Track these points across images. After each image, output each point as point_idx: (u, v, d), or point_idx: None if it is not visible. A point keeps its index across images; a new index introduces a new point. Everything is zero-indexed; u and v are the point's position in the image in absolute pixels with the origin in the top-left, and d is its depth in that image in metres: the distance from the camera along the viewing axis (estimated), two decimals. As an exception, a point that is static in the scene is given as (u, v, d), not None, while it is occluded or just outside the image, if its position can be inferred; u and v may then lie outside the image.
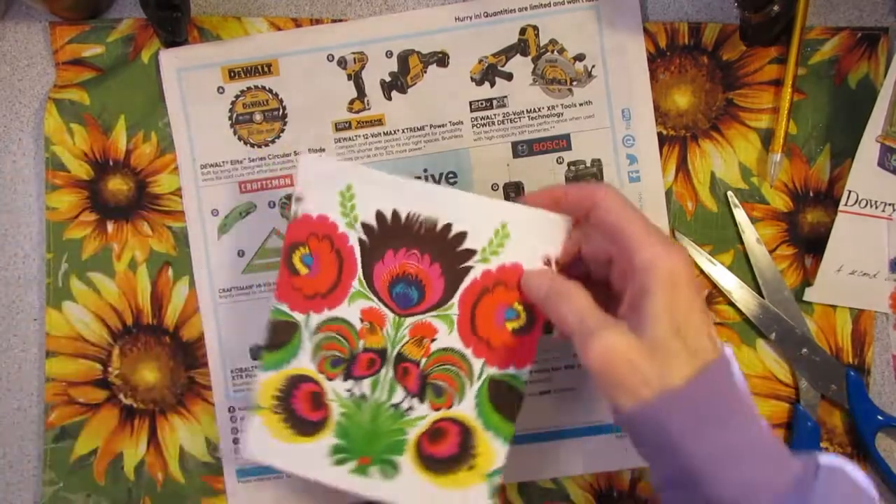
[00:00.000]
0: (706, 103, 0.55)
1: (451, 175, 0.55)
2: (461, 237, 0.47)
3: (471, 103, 0.55)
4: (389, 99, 0.55)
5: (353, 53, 0.55)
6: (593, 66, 0.55)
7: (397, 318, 0.48)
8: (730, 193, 0.55)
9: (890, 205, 0.53)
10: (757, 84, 0.55)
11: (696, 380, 0.38)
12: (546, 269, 0.46)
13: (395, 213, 0.48)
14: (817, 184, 0.55)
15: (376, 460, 0.48)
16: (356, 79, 0.55)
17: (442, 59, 0.55)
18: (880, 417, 0.53)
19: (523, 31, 0.55)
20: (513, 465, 0.54)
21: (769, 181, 0.54)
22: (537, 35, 0.55)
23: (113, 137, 0.56)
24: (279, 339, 0.49)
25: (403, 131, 0.55)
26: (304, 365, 0.49)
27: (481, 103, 0.55)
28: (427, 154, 0.55)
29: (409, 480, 0.48)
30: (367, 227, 0.48)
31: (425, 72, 0.55)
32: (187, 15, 0.53)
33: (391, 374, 0.48)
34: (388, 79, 0.55)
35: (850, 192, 0.53)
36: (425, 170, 0.55)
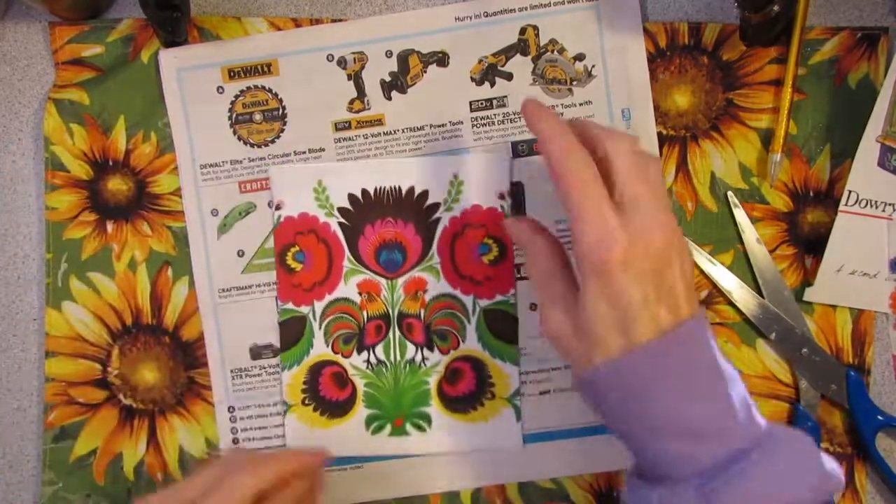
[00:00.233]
0: (706, 103, 0.55)
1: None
2: (424, 195, 0.54)
3: (471, 103, 0.55)
4: (389, 99, 0.55)
5: (353, 53, 0.55)
6: (593, 66, 0.55)
7: (390, 282, 0.54)
8: (730, 193, 0.55)
9: (890, 205, 0.53)
10: (757, 84, 0.55)
11: (630, 357, 0.40)
12: (523, 222, 0.48)
13: (365, 192, 0.54)
14: (817, 184, 0.55)
15: (408, 417, 0.54)
16: (356, 79, 0.55)
17: (442, 59, 0.55)
18: (880, 417, 0.53)
19: (523, 30, 0.55)
20: (513, 464, 0.55)
21: (769, 181, 0.54)
22: (537, 35, 0.55)
23: (112, 137, 0.56)
24: (292, 336, 0.54)
25: (403, 131, 0.55)
26: (321, 350, 0.54)
27: (481, 103, 0.55)
28: (427, 154, 0.55)
29: (442, 426, 0.54)
30: (344, 210, 0.54)
31: (425, 72, 0.55)
32: (187, 15, 0.53)
33: (398, 333, 0.54)
34: (387, 79, 0.55)
35: (850, 192, 0.53)
36: (425, 170, 0.56)
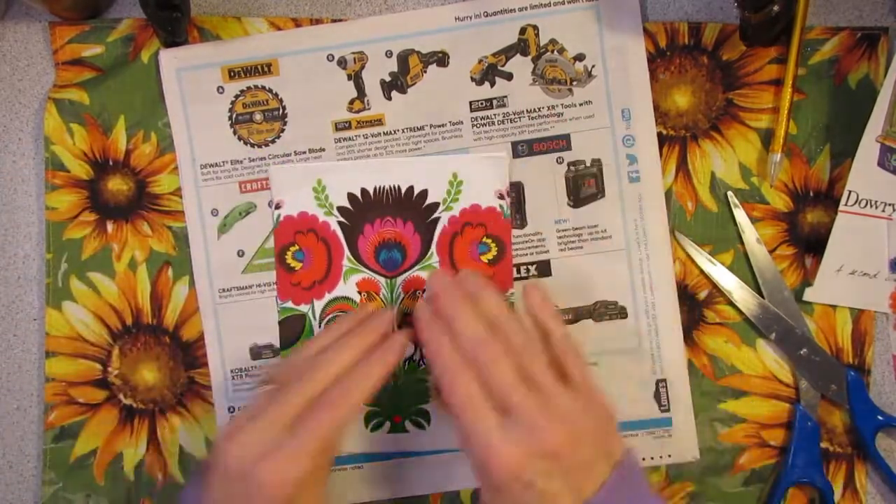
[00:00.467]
0: (706, 103, 0.55)
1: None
2: (423, 195, 0.54)
3: (471, 103, 0.55)
4: (389, 99, 0.55)
5: (353, 53, 0.55)
6: (593, 66, 0.55)
7: (389, 281, 0.54)
8: (730, 193, 0.55)
9: (890, 205, 0.53)
10: (757, 84, 0.55)
11: None
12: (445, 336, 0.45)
13: (364, 191, 0.54)
14: (817, 184, 0.55)
15: (407, 414, 0.54)
16: (356, 79, 0.55)
17: (442, 59, 0.55)
18: (880, 417, 0.53)
19: (523, 30, 0.55)
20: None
21: (769, 181, 0.54)
22: (537, 35, 0.55)
23: (113, 137, 0.56)
24: (292, 334, 0.54)
25: (403, 131, 0.55)
26: None
27: (481, 103, 0.55)
28: (427, 154, 0.55)
29: (440, 424, 0.53)
30: (343, 209, 0.54)
31: (425, 72, 0.55)
32: (187, 15, 0.53)
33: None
34: (388, 78, 0.55)
35: (850, 192, 0.53)
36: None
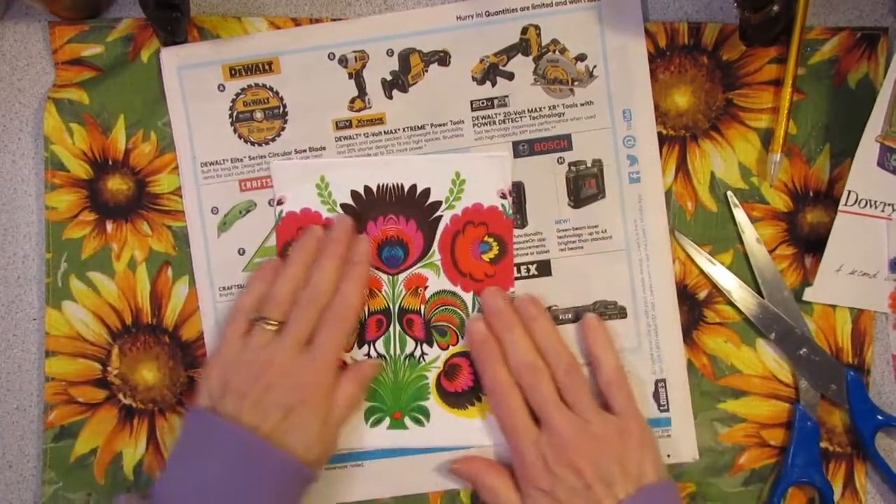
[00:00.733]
0: (706, 103, 0.55)
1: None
2: (426, 193, 0.54)
3: (472, 102, 0.55)
4: (390, 98, 0.55)
5: (354, 52, 0.55)
6: (595, 67, 0.55)
7: (391, 278, 0.54)
8: (729, 193, 0.55)
9: (890, 205, 0.53)
10: (757, 84, 0.55)
11: None
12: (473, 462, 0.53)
13: (367, 189, 0.54)
14: (817, 184, 0.55)
15: (407, 410, 0.54)
16: (357, 77, 0.55)
17: (443, 58, 0.55)
18: (880, 417, 0.53)
19: (525, 30, 0.55)
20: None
21: (769, 181, 0.54)
22: (539, 35, 0.55)
23: (112, 137, 0.56)
24: None
25: (404, 130, 0.55)
26: None
27: (482, 102, 0.55)
28: (428, 153, 0.55)
29: (439, 421, 0.54)
30: (347, 206, 0.54)
31: (426, 71, 0.55)
32: (187, 15, 0.53)
33: (398, 328, 0.54)
34: (389, 77, 0.55)
35: (849, 191, 0.53)
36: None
